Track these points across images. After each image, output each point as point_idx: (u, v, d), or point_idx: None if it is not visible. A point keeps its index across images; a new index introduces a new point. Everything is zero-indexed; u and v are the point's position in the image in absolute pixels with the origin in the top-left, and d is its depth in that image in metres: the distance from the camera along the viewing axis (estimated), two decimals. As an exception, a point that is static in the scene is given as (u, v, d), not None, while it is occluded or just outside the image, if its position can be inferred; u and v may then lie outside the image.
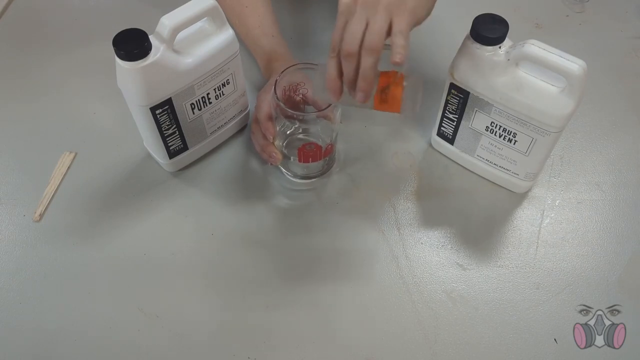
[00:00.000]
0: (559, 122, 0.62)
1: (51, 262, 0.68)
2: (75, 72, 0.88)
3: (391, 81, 0.59)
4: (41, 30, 0.95)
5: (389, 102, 0.60)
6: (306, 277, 0.67)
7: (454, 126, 0.72)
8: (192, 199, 0.74)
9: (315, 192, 0.74)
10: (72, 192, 0.74)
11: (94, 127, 0.81)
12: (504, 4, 0.86)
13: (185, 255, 0.69)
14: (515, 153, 0.69)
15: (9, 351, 0.62)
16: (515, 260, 0.68)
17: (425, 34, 0.92)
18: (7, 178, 0.76)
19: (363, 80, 0.56)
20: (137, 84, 0.62)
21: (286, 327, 0.63)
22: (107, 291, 0.66)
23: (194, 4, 0.63)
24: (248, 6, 0.80)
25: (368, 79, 0.56)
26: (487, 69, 0.63)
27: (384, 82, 0.59)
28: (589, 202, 0.74)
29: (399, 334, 0.63)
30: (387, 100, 0.59)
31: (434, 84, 0.73)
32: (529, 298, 0.65)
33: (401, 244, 0.70)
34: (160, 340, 0.62)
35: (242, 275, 0.67)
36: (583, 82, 0.59)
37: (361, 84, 0.57)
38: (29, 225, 0.71)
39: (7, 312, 0.64)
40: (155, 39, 0.62)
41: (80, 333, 0.63)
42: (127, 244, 0.70)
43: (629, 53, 0.91)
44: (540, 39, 0.60)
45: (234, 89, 0.73)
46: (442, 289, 0.66)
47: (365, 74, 0.56)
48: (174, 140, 0.71)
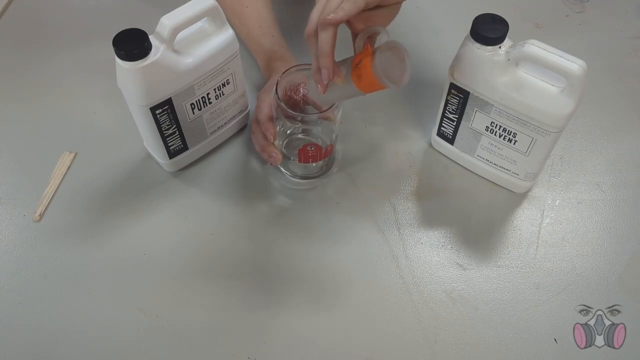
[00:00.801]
0: (559, 122, 0.62)
1: (51, 262, 0.68)
2: (75, 72, 0.88)
3: (363, 55, 0.56)
4: (41, 30, 0.95)
5: (364, 77, 0.56)
6: (306, 277, 0.67)
7: (454, 126, 0.72)
8: (192, 199, 0.74)
9: (315, 192, 0.74)
10: (72, 192, 0.74)
11: (94, 127, 0.81)
12: (504, 4, 0.86)
13: (185, 255, 0.69)
14: (515, 153, 0.69)
15: (9, 351, 0.62)
16: (515, 260, 0.68)
17: (426, 34, 0.92)
18: (7, 178, 0.76)
19: (321, 55, 0.55)
20: (137, 84, 0.62)
21: (286, 327, 0.63)
22: (107, 291, 0.66)
23: (194, 4, 0.63)
24: (248, 6, 0.80)
25: (325, 52, 0.55)
26: (487, 69, 0.63)
27: (357, 59, 0.57)
28: (589, 202, 0.74)
29: (399, 334, 0.63)
30: (361, 74, 0.56)
31: (434, 84, 0.73)
32: (529, 298, 0.65)
33: (401, 244, 0.70)
34: (160, 340, 0.62)
35: (242, 275, 0.67)
36: (583, 82, 0.59)
37: (321, 60, 0.56)
38: (29, 225, 0.71)
39: (7, 312, 0.64)
40: (155, 39, 0.62)
41: (80, 333, 0.63)
42: (127, 244, 0.70)
43: (629, 53, 0.91)
44: (540, 39, 0.60)
45: (234, 89, 0.73)
46: (442, 289, 0.66)
47: (322, 48, 0.55)
48: (174, 140, 0.71)
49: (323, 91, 0.59)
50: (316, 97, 0.63)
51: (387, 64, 0.56)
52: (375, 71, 0.55)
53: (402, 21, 0.64)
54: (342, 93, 0.61)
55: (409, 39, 0.92)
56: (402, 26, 0.92)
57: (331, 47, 0.55)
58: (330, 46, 0.55)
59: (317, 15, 0.55)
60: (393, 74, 0.56)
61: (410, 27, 0.92)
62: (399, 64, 0.57)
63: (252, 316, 0.64)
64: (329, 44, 0.55)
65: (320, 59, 0.56)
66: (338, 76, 0.57)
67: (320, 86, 0.58)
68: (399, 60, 0.57)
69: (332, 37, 0.55)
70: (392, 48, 0.57)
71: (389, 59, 0.56)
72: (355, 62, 0.57)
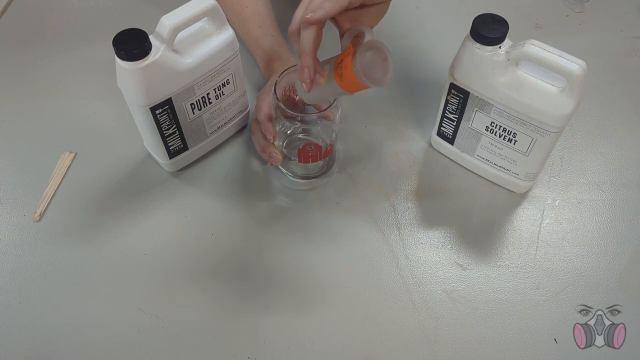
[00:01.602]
0: (559, 122, 0.62)
1: (51, 262, 0.68)
2: (75, 72, 0.88)
3: (345, 55, 0.56)
4: (41, 30, 0.95)
5: (346, 76, 0.56)
6: (306, 277, 0.67)
7: (454, 126, 0.72)
8: (192, 199, 0.74)
9: (315, 192, 0.74)
10: (72, 192, 0.74)
11: (94, 127, 0.81)
12: (504, 4, 0.86)
13: (185, 255, 0.69)
14: (515, 153, 0.69)
15: (9, 351, 0.62)
16: (515, 260, 0.68)
17: (426, 34, 0.92)
18: (7, 178, 0.76)
19: (303, 54, 0.55)
20: (137, 84, 0.62)
21: (286, 327, 0.63)
22: (107, 291, 0.66)
23: (194, 4, 0.63)
24: (248, 6, 0.80)
25: (306, 51, 0.54)
26: (487, 69, 0.63)
27: (339, 58, 0.57)
28: (589, 202, 0.74)
29: (399, 334, 0.63)
30: (343, 74, 0.56)
31: (434, 84, 0.73)
32: (529, 298, 0.65)
33: (401, 244, 0.70)
34: (160, 340, 0.62)
35: (242, 275, 0.67)
36: (583, 82, 0.59)
37: (302, 59, 0.55)
38: (29, 225, 0.71)
39: (7, 312, 0.64)
40: (155, 39, 0.62)
41: (80, 333, 0.63)
42: (127, 244, 0.70)
43: (629, 53, 0.91)
44: (540, 39, 0.60)
45: (234, 89, 0.73)
46: (442, 289, 0.66)
47: (303, 47, 0.54)
48: (174, 140, 0.71)
49: (307, 90, 0.59)
50: (303, 95, 0.63)
51: (368, 64, 0.55)
52: (355, 70, 0.55)
53: (402, 21, 0.64)
54: (326, 92, 0.60)
55: (408, 39, 0.92)
56: (402, 26, 0.92)
57: (312, 46, 0.55)
58: (311, 44, 0.54)
59: (301, 13, 0.55)
60: (375, 73, 0.56)
61: (410, 27, 0.92)
62: (381, 63, 0.57)
63: (252, 316, 0.64)
64: (310, 43, 0.54)
65: (301, 57, 0.56)
66: (321, 75, 0.57)
67: (304, 85, 0.58)
68: (381, 60, 0.57)
69: (313, 36, 0.54)
70: (372, 47, 0.56)
71: (370, 58, 0.56)
72: (338, 62, 0.57)
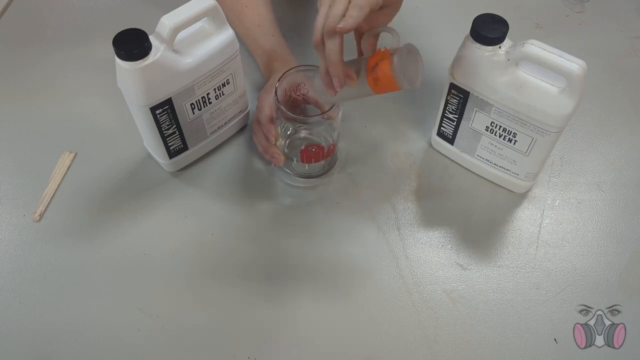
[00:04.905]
0: (559, 122, 0.62)
1: (51, 262, 0.68)
2: (75, 72, 0.88)
3: (379, 58, 0.58)
4: (41, 30, 0.95)
5: (382, 80, 0.58)
6: (306, 277, 0.67)
7: (454, 126, 0.72)
8: (192, 199, 0.74)
9: (315, 192, 0.74)
10: (72, 192, 0.74)
11: (94, 127, 0.81)
12: (504, 4, 0.86)
13: (185, 255, 0.69)
14: (515, 153, 0.69)
15: (9, 351, 0.62)
16: (515, 260, 0.68)
17: (426, 34, 0.92)
18: (7, 178, 0.76)
19: (331, 65, 0.56)
20: (137, 84, 0.62)
21: (286, 326, 0.63)
22: (107, 291, 0.66)
23: (194, 4, 0.63)
24: (248, 6, 0.80)
25: (334, 62, 0.55)
26: (487, 69, 0.63)
27: (372, 62, 0.58)
28: (589, 202, 0.74)
29: (399, 334, 0.63)
30: (379, 78, 0.58)
31: (434, 84, 0.73)
32: (529, 298, 0.65)
33: (401, 244, 0.70)
34: (160, 340, 0.62)
35: (242, 274, 0.67)
36: (583, 82, 0.59)
37: (331, 70, 0.56)
38: (29, 225, 0.71)
39: (7, 312, 0.64)
40: (155, 39, 0.62)
41: (80, 333, 0.63)
42: (127, 244, 0.69)
43: (629, 53, 0.91)
44: (540, 39, 0.60)
45: (234, 89, 0.73)
46: (442, 289, 0.66)
47: (331, 58, 0.55)
48: (174, 140, 0.71)
49: (333, 94, 0.60)
50: (322, 98, 0.63)
51: (408, 68, 0.57)
52: (395, 74, 0.56)
53: (402, 21, 0.64)
54: (352, 94, 0.61)
55: (409, 39, 0.92)
56: (402, 26, 0.92)
57: (340, 56, 0.56)
58: (339, 55, 0.55)
59: (322, 22, 0.55)
60: (415, 77, 0.58)
61: (410, 27, 0.92)
62: (414, 66, 0.58)
63: (252, 316, 0.64)
64: (337, 54, 0.55)
65: (331, 69, 0.56)
66: (352, 80, 0.58)
67: (330, 90, 0.59)
68: (414, 63, 0.58)
69: (339, 46, 0.55)
70: (410, 51, 0.58)
71: (407, 61, 0.57)
72: (371, 65, 0.58)
